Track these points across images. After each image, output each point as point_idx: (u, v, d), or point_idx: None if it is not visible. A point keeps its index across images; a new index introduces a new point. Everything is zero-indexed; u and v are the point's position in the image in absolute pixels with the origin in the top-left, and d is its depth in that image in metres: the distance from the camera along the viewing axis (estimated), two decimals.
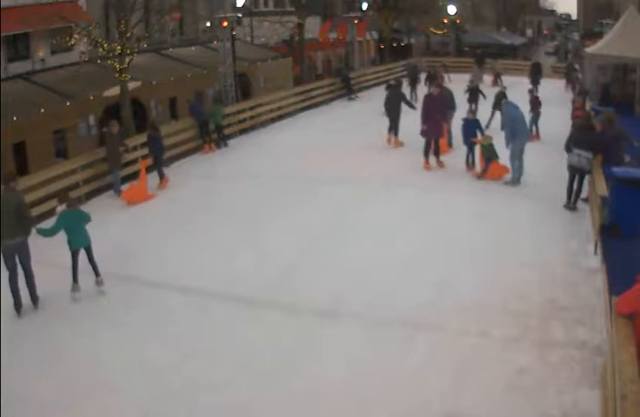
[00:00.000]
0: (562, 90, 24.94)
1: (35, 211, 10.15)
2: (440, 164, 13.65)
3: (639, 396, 4.05)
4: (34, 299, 8.09)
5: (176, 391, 6.26)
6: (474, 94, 18.59)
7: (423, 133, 13.52)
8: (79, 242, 8.33)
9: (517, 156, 12.25)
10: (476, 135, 13.28)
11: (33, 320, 7.81)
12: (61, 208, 8.57)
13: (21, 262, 8.01)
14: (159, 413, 6.03)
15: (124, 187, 12.62)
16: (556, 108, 18.46)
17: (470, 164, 13.43)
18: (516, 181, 12.31)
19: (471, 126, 13.44)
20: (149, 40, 16.74)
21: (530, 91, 17.22)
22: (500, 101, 15.74)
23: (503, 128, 13.03)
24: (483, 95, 18.43)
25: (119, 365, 6.72)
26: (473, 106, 17.95)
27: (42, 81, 15.49)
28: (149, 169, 12.85)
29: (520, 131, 12.26)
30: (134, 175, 12.96)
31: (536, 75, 24.61)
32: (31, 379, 6.53)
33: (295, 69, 25.02)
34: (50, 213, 10.84)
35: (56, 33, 16.95)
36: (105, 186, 12.89)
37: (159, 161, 13.22)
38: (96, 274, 8.45)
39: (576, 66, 26.03)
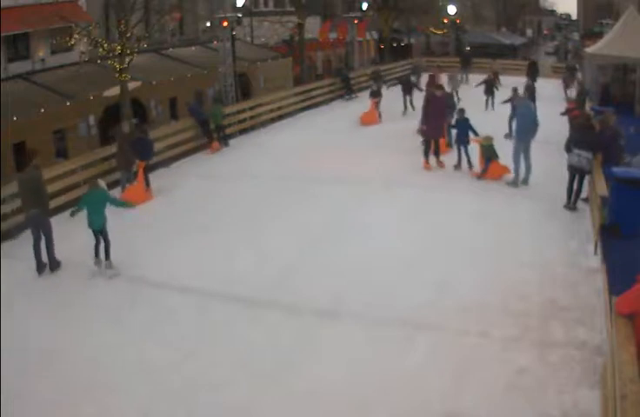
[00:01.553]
0: (559, 89, 24.96)
1: None
2: (440, 164, 13.65)
3: (639, 396, 4.05)
4: (52, 264, 8.93)
5: (176, 391, 6.27)
6: (489, 88, 18.48)
7: (423, 133, 13.51)
8: (92, 224, 8.82)
9: (521, 156, 12.22)
10: (468, 135, 13.23)
11: (33, 313, 7.83)
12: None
13: (43, 232, 8.91)
14: (159, 413, 6.03)
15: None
16: (556, 107, 18.43)
17: (459, 164, 13.38)
18: (524, 181, 12.29)
19: (462, 126, 13.37)
20: (149, 40, 16.71)
21: (515, 90, 17.17)
22: (533, 94, 15.87)
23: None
24: (494, 90, 18.41)
25: (119, 364, 6.73)
26: (489, 99, 17.79)
27: (42, 81, 15.47)
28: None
29: (524, 129, 12.24)
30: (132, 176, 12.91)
31: (533, 73, 24.65)
32: (31, 377, 6.54)
33: (295, 69, 24.99)
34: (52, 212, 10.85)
35: (56, 33, 16.93)
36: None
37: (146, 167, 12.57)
38: (107, 256, 8.85)
39: (577, 66, 26.03)
